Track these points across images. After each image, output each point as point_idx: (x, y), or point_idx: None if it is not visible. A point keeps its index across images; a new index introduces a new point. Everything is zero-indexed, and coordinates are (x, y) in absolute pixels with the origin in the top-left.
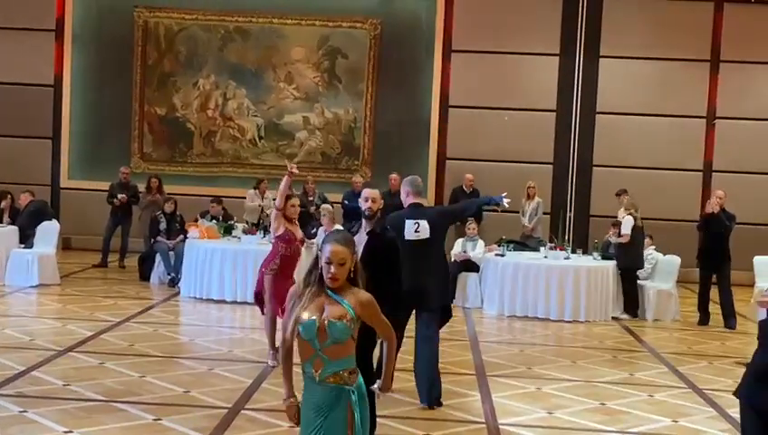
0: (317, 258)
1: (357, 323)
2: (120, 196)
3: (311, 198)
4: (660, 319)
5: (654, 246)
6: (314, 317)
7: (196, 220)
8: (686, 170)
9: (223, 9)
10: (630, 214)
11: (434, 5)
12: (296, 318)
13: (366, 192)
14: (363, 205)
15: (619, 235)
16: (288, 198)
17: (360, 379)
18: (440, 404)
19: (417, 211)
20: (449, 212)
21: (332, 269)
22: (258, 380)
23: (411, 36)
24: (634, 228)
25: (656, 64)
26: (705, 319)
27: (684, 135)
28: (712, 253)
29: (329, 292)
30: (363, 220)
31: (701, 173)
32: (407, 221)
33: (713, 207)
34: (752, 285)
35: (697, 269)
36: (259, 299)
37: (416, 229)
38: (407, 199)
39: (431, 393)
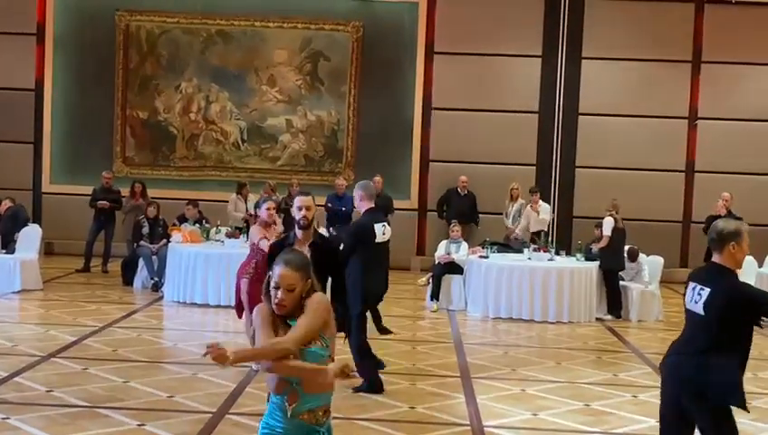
0: (269, 280)
1: (331, 341)
2: (99, 202)
3: (290, 203)
4: (644, 319)
5: (638, 261)
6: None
7: (174, 225)
8: (669, 171)
9: (204, 12)
10: (611, 215)
11: (416, 8)
12: None
13: (299, 200)
14: (297, 214)
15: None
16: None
17: (330, 419)
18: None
19: (378, 215)
20: None
21: (279, 295)
22: (242, 384)
23: (393, 39)
24: (615, 230)
25: (637, 65)
26: None
27: (666, 136)
28: None
29: (287, 321)
30: (297, 229)
31: (683, 174)
32: (376, 226)
33: (719, 209)
34: None
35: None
36: (239, 305)
37: (383, 232)
38: (360, 204)
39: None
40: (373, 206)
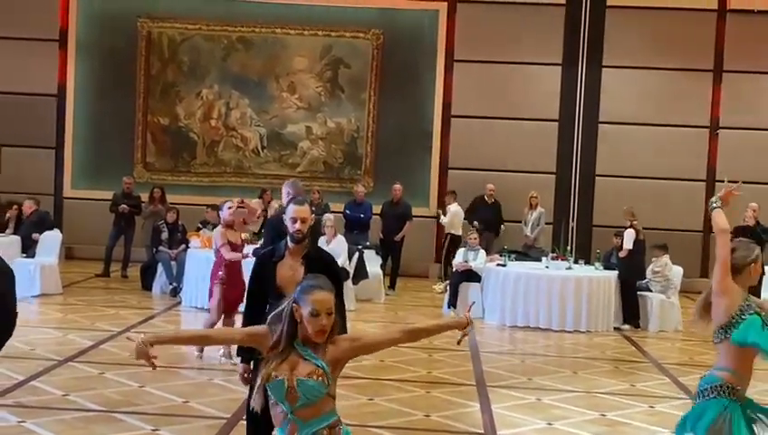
0: (280, 313)
1: (333, 380)
2: (121, 206)
3: (313, 209)
4: (663, 329)
5: (668, 256)
6: (283, 377)
7: (198, 229)
8: (689, 180)
9: (226, 19)
10: (633, 227)
11: (436, 15)
12: (264, 376)
13: (294, 211)
14: (292, 226)
15: (621, 246)
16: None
17: (344, 428)
18: None
19: None
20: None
21: (323, 320)
22: None
23: (413, 46)
24: (636, 241)
25: (658, 74)
26: None
27: (687, 145)
28: None
29: (298, 347)
30: (289, 242)
31: (704, 183)
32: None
33: (748, 219)
34: None
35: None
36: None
37: None
38: (287, 200)
39: None
40: None
